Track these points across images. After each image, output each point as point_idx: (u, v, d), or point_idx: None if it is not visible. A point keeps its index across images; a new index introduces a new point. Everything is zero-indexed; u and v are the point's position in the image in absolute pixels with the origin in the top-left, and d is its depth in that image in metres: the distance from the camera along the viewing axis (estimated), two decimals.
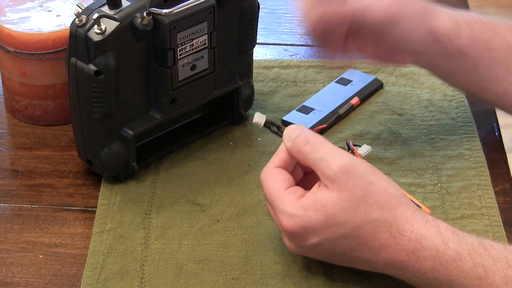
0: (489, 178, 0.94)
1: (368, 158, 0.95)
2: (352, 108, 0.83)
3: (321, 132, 0.81)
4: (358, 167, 0.77)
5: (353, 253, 0.77)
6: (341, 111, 0.84)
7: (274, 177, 0.80)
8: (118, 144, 0.91)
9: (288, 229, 0.77)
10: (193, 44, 0.90)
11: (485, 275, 0.74)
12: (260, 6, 0.97)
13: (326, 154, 0.78)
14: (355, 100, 0.83)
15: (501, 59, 0.92)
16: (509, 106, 0.95)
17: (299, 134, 0.80)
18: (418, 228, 0.76)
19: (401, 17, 0.88)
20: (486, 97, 0.95)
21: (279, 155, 0.81)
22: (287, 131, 0.81)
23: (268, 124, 0.83)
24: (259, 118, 0.84)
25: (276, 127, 0.83)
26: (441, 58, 0.92)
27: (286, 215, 0.77)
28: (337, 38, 0.89)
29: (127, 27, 0.85)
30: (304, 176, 0.84)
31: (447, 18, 0.91)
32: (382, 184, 0.77)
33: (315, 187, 0.78)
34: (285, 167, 0.81)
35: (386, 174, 0.80)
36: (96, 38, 0.84)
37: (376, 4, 0.87)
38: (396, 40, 0.89)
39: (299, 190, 0.79)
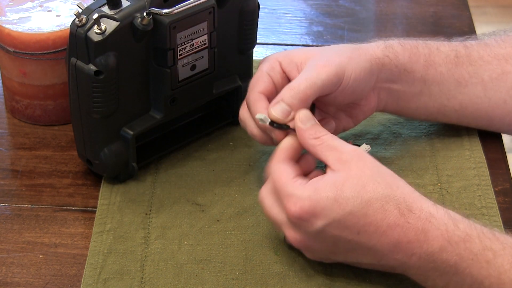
0: (489, 178, 0.94)
1: None
2: None
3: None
4: (367, 154, 0.80)
5: (359, 237, 0.77)
6: None
7: (283, 166, 0.81)
8: (118, 144, 0.91)
9: (296, 213, 0.77)
10: (193, 44, 0.90)
11: (493, 259, 0.75)
12: (260, 6, 0.97)
13: (341, 142, 0.81)
14: None
15: (446, 71, 0.93)
16: (470, 119, 0.96)
17: (316, 122, 0.82)
18: (428, 207, 0.77)
19: (349, 72, 0.88)
20: (448, 116, 0.96)
21: (285, 149, 0.82)
22: (301, 114, 0.82)
23: (272, 122, 0.84)
24: (263, 116, 0.84)
25: (278, 124, 0.84)
26: (394, 84, 0.92)
27: (294, 198, 0.78)
28: None
29: (127, 27, 0.85)
30: None
31: (377, 44, 0.91)
32: (388, 170, 0.80)
33: (322, 175, 0.79)
34: (293, 158, 0.83)
35: None
36: (96, 38, 0.84)
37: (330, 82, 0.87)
38: (355, 92, 0.89)
39: (305, 178, 0.80)
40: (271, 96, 0.87)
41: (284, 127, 0.84)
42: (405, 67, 0.92)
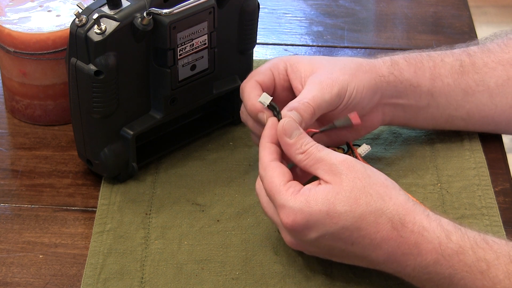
0: (489, 178, 0.94)
1: (368, 158, 0.95)
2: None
3: (312, 136, 0.82)
4: (357, 162, 0.79)
5: (354, 248, 0.77)
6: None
7: (274, 171, 0.80)
8: (118, 144, 0.91)
9: (288, 225, 0.77)
10: (193, 44, 0.90)
11: (487, 270, 0.75)
12: (260, 6, 0.97)
13: (328, 152, 0.79)
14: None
15: (453, 82, 0.93)
16: (477, 126, 0.97)
17: (301, 133, 0.81)
18: (420, 220, 0.77)
19: (350, 90, 0.88)
20: (456, 124, 0.96)
21: (271, 147, 0.82)
22: (286, 124, 0.81)
23: (271, 107, 0.84)
24: (265, 98, 0.84)
25: (277, 112, 0.84)
26: (399, 99, 0.92)
27: (287, 209, 0.77)
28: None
29: (127, 27, 0.85)
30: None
31: (383, 61, 0.91)
32: (379, 178, 0.79)
33: (315, 183, 0.78)
34: (279, 159, 0.82)
35: (386, 174, 0.80)
36: (96, 38, 0.84)
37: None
38: (356, 108, 0.89)
39: (298, 184, 0.79)
40: (267, 90, 0.88)
41: (274, 113, 0.83)
42: (411, 82, 0.92)
